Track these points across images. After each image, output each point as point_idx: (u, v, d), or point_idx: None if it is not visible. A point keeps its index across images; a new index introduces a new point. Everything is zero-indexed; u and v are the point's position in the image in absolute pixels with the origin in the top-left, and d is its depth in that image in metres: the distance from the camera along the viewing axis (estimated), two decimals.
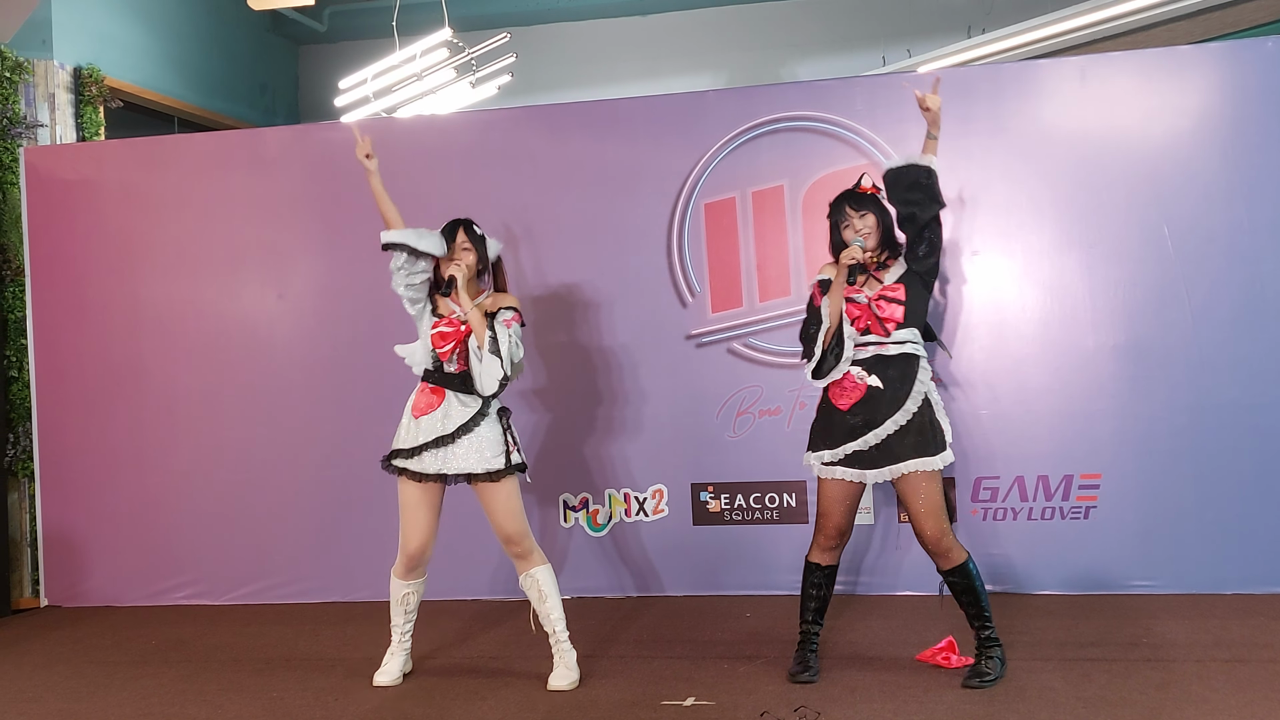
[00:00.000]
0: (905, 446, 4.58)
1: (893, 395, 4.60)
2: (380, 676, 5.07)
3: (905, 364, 4.64)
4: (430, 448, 4.86)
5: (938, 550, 4.62)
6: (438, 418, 4.88)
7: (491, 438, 4.89)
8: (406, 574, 5.05)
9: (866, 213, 4.70)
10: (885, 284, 4.69)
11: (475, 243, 5.00)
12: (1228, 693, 4.39)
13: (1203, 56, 6.28)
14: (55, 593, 7.11)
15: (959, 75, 6.72)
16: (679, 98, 6.79)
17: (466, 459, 4.85)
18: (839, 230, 4.74)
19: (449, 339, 4.91)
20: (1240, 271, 6.00)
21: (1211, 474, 5.99)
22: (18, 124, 7.30)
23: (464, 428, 4.86)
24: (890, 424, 4.58)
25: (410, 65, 9.45)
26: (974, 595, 4.66)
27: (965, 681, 4.62)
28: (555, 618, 4.95)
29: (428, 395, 4.93)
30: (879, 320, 4.62)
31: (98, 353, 7.07)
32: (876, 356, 4.63)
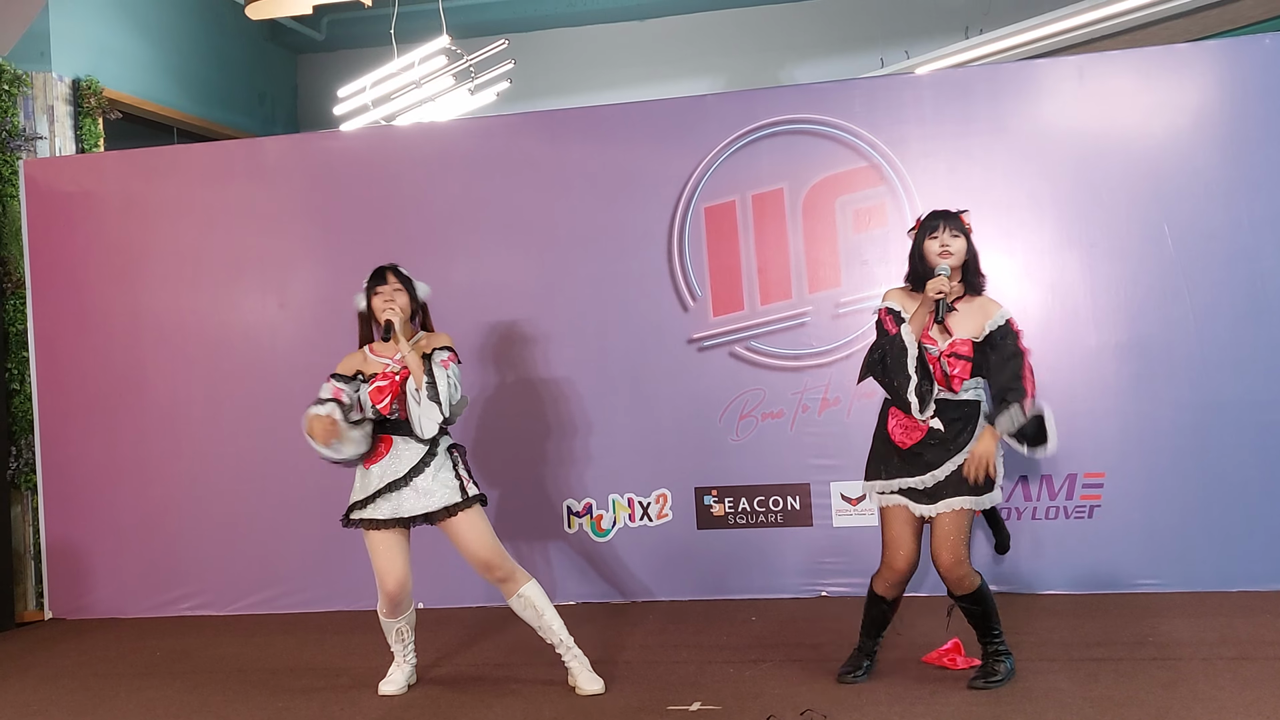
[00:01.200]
0: (956, 484, 4.55)
1: (954, 438, 4.55)
2: (386, 685, 5.07)
3: (967, 408, 4.58)
4: (384, 493, 4.85)
5: (951, 578, 4.58)
6: (387, 464, 4.88)
7: (444, 476, 4.88)
8: (392, 612, 5.03)
9: (960, 236, 4.60)
10: (955, 336, 4.55)
11: (405, 284, 4.97)
12: (1234, 690, 4.38)
13: (1201, 54, 6.28)
14: (59, 605, 7.11)
15: (958, 76, 6.73)
16: (678, 102, 6.80)
17: (421, 500, 4.85)
18: (923, 243, 4.60)
19: (385, 393, 4.86)
20: (1241, 268, 5.99)
21: (1215, 471, 5.98)
22: (17, 136, 7.31)
23: (414, 469, 4.85)
24: (949, 465, 4.54)
25: (409, 73, 9.45)
26: (985, 619, 4.66)
27: (971, 683, 4.61)
28: (556, 629, 4.94)
29: (377, 445, 4.92)
30: (946, 376, 4.53)
31: (99, 364, 7.07)
32: (941, 400, 4.55)
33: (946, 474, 4.54)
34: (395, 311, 4.87)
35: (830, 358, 6.37)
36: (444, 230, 6.75)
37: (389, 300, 4.90)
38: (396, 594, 4.95)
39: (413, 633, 5.14)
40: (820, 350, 6.39)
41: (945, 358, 4.53)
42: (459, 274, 6.68)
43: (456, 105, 9.79)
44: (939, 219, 4.63)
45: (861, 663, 4.83)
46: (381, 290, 4.93)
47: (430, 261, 6.75)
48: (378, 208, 6.85)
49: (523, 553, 6.64)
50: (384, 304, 4.89)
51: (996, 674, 4.59)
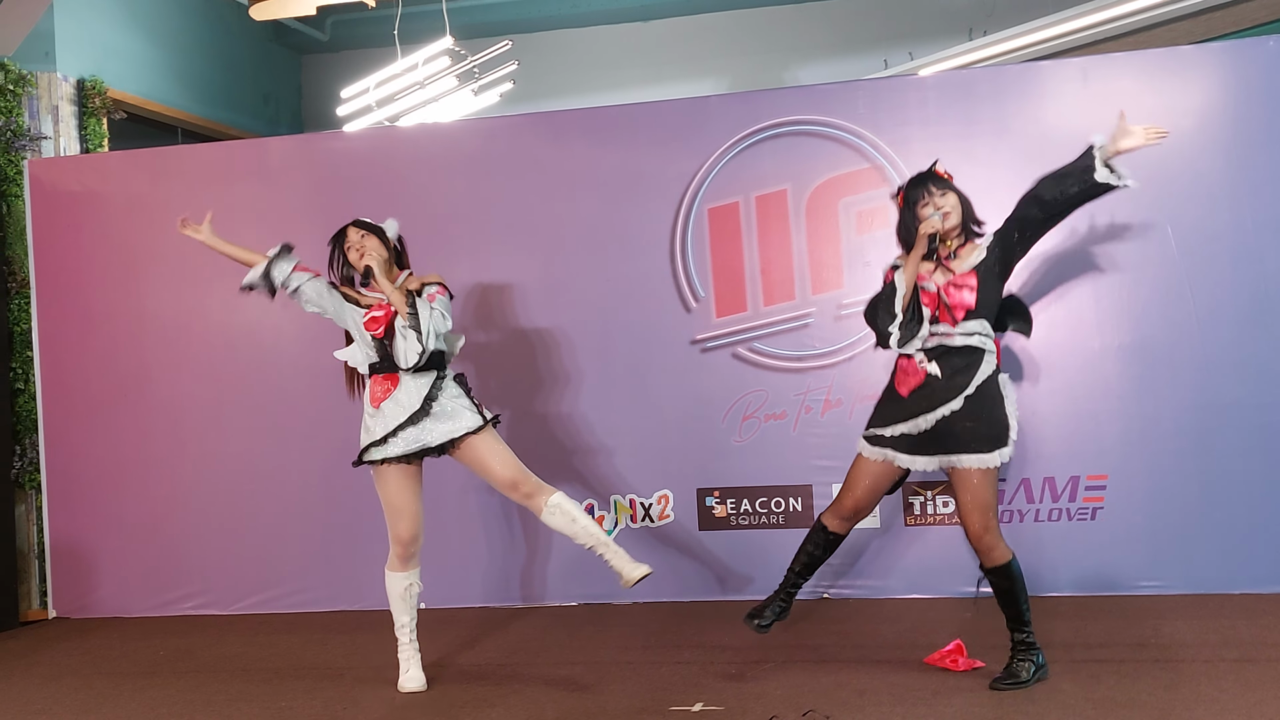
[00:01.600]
0: (957, 438, 4.50)
1: (950, 384, 4.50)
2: (409, 683, 5.03)
3: (968, 355, 4.54)
4: (403, 428, 4.87)
5: (979, 546, 4.54)
6: (399, 399, 4.90)
7: (460, 401, 4.94)
8: (404, 564, 5.04)
9: (948, 191, 4.62)
10: (957, 272, 4.59)
11: (373, 231, 5.03)
12: (1237, 692, 4.38)
13: (1205, 56, 6.28)
14: (63, 604, 7.12)
15: (961, 77, 6.73)
16: (681, 103, 6.80)
17: (443, 427, 4.88)
18: (914, 208, 4.61)
19: (380, 322, 4.95)
20: (1245, 270, 5.99)
21: (1218, 473, 5.98)
22: (21, 136, 7.32)
23: (429, 397, 4.89)
24: (942, 409, 4.50)
25: (412, 74, 9.45)
26: (1013, 598, 4.58)
27: (994, 683, 4.56)
28: (593, 532, 4.92)
29: (382, 384, 4.96)
30: (947, 308, 4.53)
31: (103, 364, 7.08)
32: (941, 346, 4.55)
33: (937, 419, 4.51)
34: (372, 256, 4.94)
35: (833, 359, 6.37)
36: (447, 231, 6.75)
37: (358, 248, 4.98)
38: (410, 541, 4.98)
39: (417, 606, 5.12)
40: (823, 352, 6.40)
41: (944, 289, 4.56)
42: (462, 274, 6.68)
43: (460, 106, 9.80)
44: (921, 184, 4.65)
45: (767, 609, 4.83)
46: (348, 246, 5.01)
47: (433, 262, 6.74)
48: (381, 208, 6.79)
49: (524, 553, 6.65)
50: (356, 255, 4.97)
51: (1021, 676, 4.53)
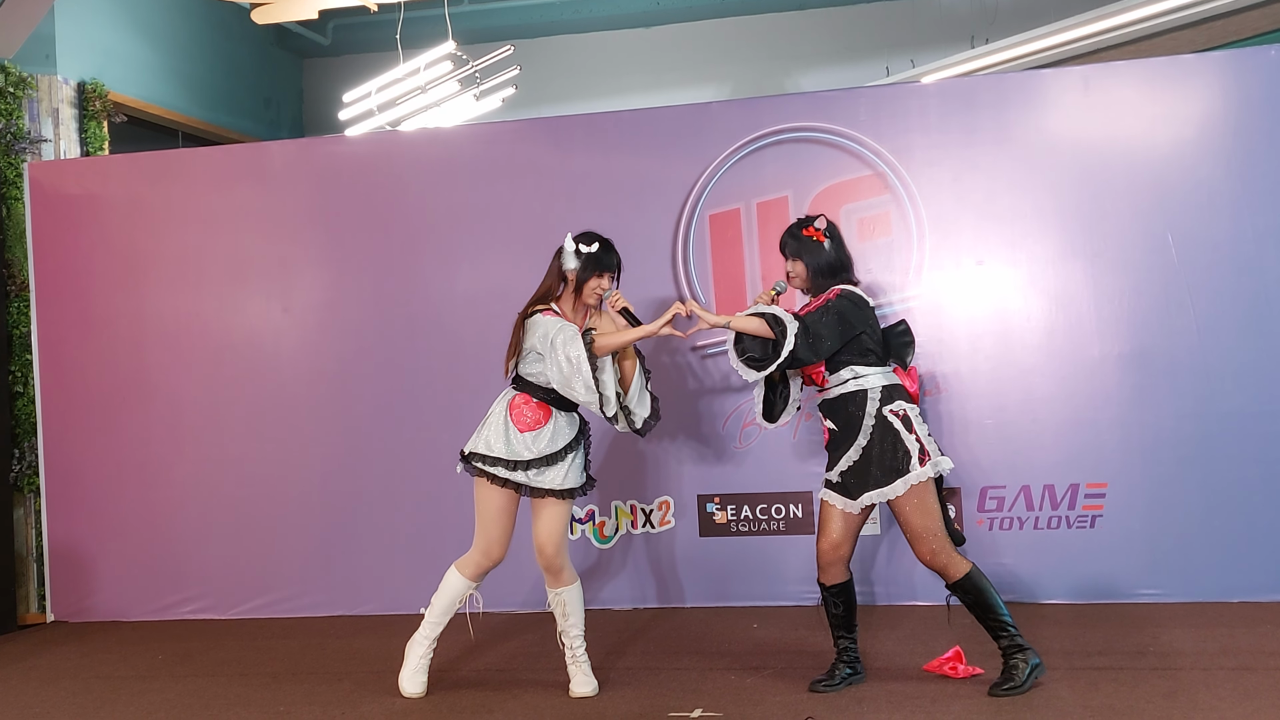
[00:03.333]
0: (868, 477, 4.64)
1: (845, 434, 4.71)
2: (415, 688, 5.04)
3: (852, 401, 4.69)
4: (536, 466, 4.83)
5: (934, 567, 4.67)
6: (545, 435, 4.85)
7: (582, 459, 4.96)
8: (478, 576, 5.02)
9: (796, 259, 4.85)
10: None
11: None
12: (1235, 701, 4.38)
13: (1206, 65, 6.28)
14: (61, 608, 7.11)
15: (963, 85, 6.74)
16: (683, 109, 6.80)
17: (560, 476, 4.85)
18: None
19: None
20: (1245, 280, 5.99)
21: (1218, 482, 5.98)
22: (22, 139, 7.32)
23: (569, 447, 4.88)
24: (844, 460, 4.70)
25: (414, 78, 9.46)
26: (985, 608, 4.62)
27: (992, 689, 4.56)
28: (575, 634, 4.98)
29: (534, 410, 4.87)
30: (809, 378, 4.81)
31: (103, 367, 7.08)
32: (823, 402, 4.82)
33: (844, 468, 4.70)
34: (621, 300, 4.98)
35: None
36: (448, 235, 6.76)
37: (602, 289, 4.93)
38: (498, 559, 4.98)
39: None
40: None
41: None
42: (463, 280, 6.70)
43: (462, 111, 9.80)
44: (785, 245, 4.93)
45: (834, 670, 4.85)
46: (601, 278, 4.91)
47: (434, 267, 6.77)
48: (382, 213, 6.86)
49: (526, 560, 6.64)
50: (598, 289, 4.92)
51: (1014, 679, 4.54)
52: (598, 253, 4.89)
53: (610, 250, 4.95)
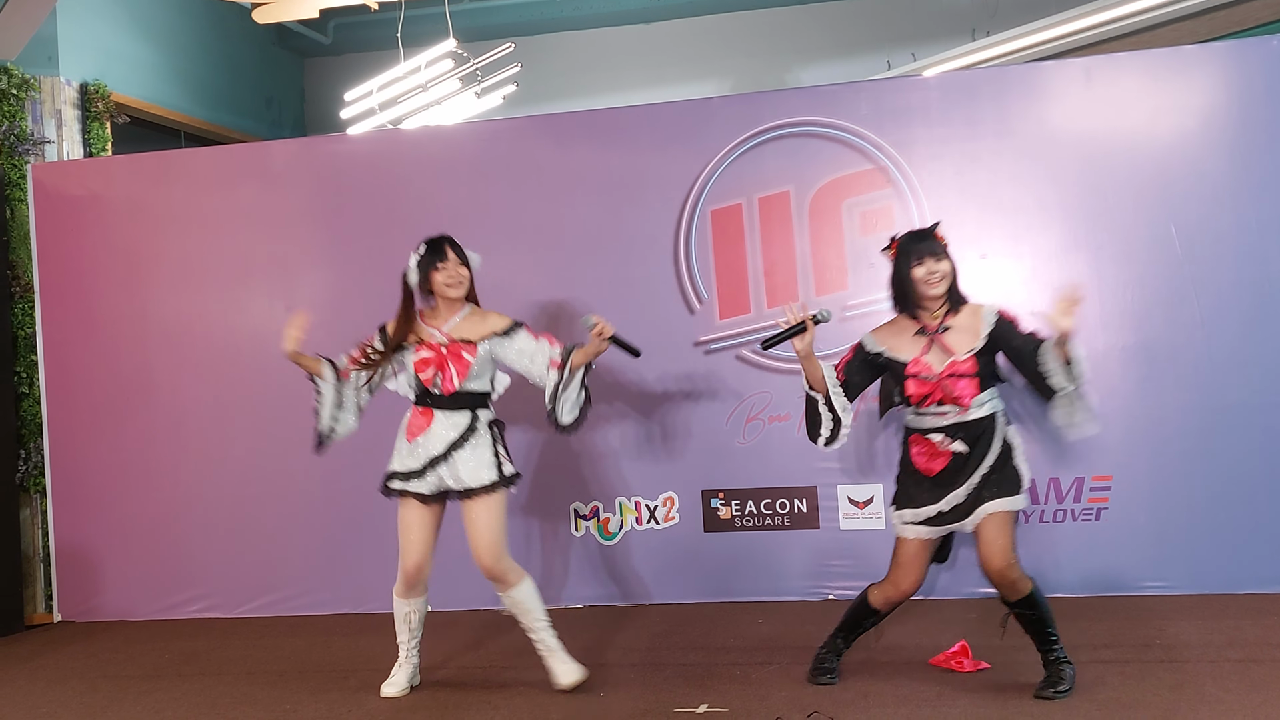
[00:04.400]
0: (986, 492, 4.46)
1: (978, 456, 4.48)
2: (388, 688, 5.07)
3: (985, 424, 4.51)
4: (425, 469, 4.88)
5: (1003, 584, 4.47)
6: (432, 436, 4.90)
7: (482, 453, 4.91)
8: (407, 592, 5.05)
9: (944, 257, 4.56)
10: (955, 353, 4.49)
11: (464, 258, 5.01)
12: (1242, 693, 4.38)
13: (1208, 56, 6.27)
14: (68, 608, 7.12)
15: (964, 78, 6.73)
16: (684, 105, 6.80)
17: (460, 474, 4.87)
18: (909, 264, 4.55)
19: (430, 364, 4.91)
20: (1249, 271, 5.98)
21: (1223, 474, 5.97)
22: (25, 141, 7.33)
23: (455, 444, 4.88)
24: (964, 488, 4.47)
25: (415, 76, 9.46)
26: (1041, 624, 4.53)
27: (1038, 692, 4.46)
28: (539, 629, 5.00)
29: (418, 417, 4.95)
30: (953, 398, 4.47)
31: (107, 368, 7.09)
32: (957, 424, 4.50)
33: (966, 493, 4.47)
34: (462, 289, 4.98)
35: (837, 361, 6.35)
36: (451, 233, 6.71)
37: (453, 278, 4.94)
38: (414, 573, 4.98)
39: (420, 628, 5.13)
40: (827, 353, 6.33)
41: (945, 380, 4.47)
42: None
43: (463, 109, 9.81)
44: (920, 245, 4.57)
45: (834, 663, 4.85)
46: (444, 266, 4.93)
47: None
48: (385, 211, 6.87)
49: (529, 556, 6.65)
50: (448, 281, 4.93)
51: (1063, 682, 4.45)
52: (426, 251, 4.97)
53: (439, 241, 4.98)
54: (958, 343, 4.51)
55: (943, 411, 4.50)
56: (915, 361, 4.52)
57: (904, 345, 4.59)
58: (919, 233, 4.65)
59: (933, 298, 4.54)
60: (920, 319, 4.59)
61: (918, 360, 4.52)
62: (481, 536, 4.88)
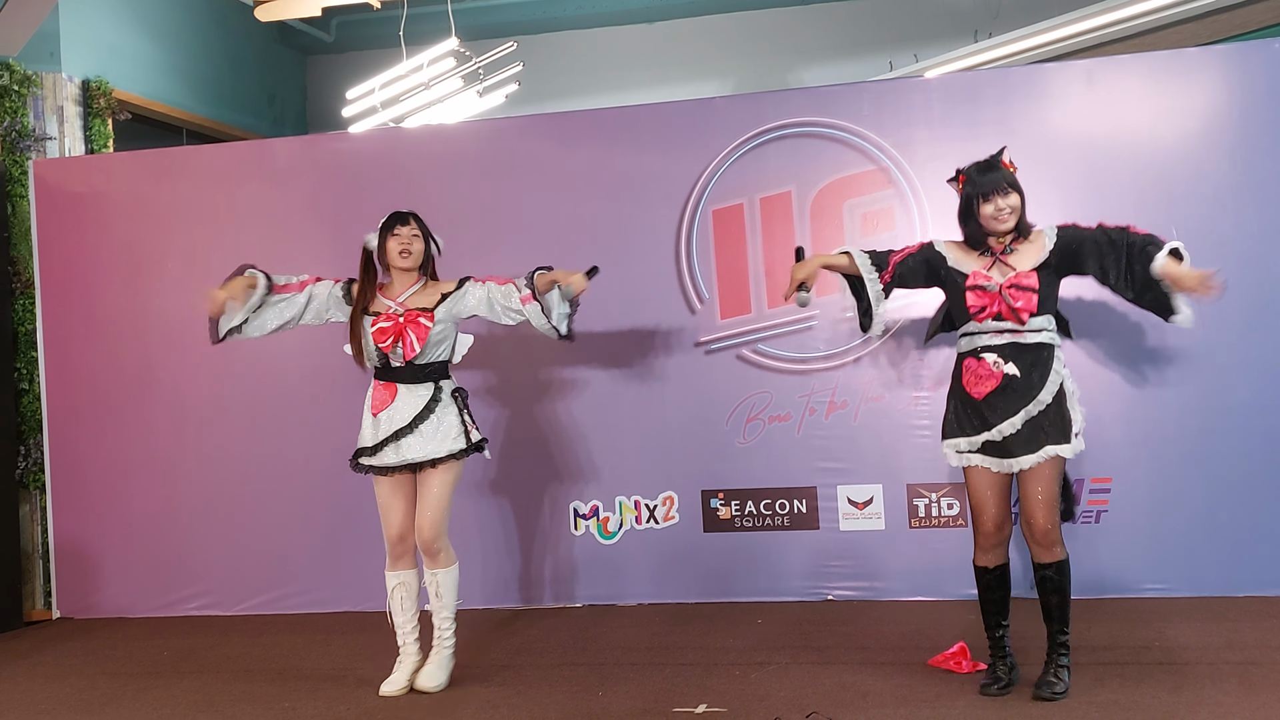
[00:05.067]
0: (1041, 434, 4.39)
1: (1028, 384, 4.41)
2: (387, 686, 5.07)
3: (1040, 351, 4.45)
4: (390, 440, 4.95)
5: (1044, 541, 4.43)
6: (393, 410, 4.98)
7: (449, 421, 5.00)
8: (394, 563, 5.10)
9: (1013, 191, 4.50)
10: (1018, 270, 4.46)
11: (423, 231, 5.13)
12: (1241, 695, 4.38)
13: (1210, 59, 6.27)
14: (67, 604, 7.13)
15: (966, 79, 6.73)
16: (686, 104, 6.80)
17: (426, 445, 4.95)
18: (979, 202, 4.51)
19: (388, 333, 4.99)
20: (1250, 274, 5.98)
21: (1223, 476, 5.97)
22: (26, 137, 7.33)
23: (419, 416, 4.96)
24: (1023, 414, 4.39)
25: (418, 75, 9.46)
26: (1063, 596, 4.49)
27: (1036, 693, 4.43)
28: (444, 617, 5.09)
29: (381, 391, 5.04)
30: (1012, 309, 4.41)
31: (108, 364, 7.09)
32: (1012, 344, 4.44)
33: (1022, 423, 4.40)
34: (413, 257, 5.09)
35: (837, 361, 6.37)
36: (452, 231, 6.69)
37: (406, 244, 5.05)
38: (399, 541, 5.05)
39: (414, 609, 5.14)
40: (827, 354, 6.39)
41: (1007, 290, 4.43)
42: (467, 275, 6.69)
43: (465, 107, 9.81)
44: (987, 178, 4.51)
45: (998, 670, 4.61)
46: (400, 232, 5.06)
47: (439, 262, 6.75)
48: (386, 209, 6.78)
49: (529, 554, 6.65)
50: (400, 248, 5.04)
51: (1059, 683, 4.42)
52: (385, 219, 5.12)
53: (402, 212, 5.14)
54: (1021, 261, 4.51)
55: (999, 329, 4.46)
56: (976, 273, 4.50)
57: (968, 261, 4.58)
58: (986, 163, 4.60)
59: (1002, 233, 4.53)
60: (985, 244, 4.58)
61: (978, 272, 4.50)
62: (428, 508, 4.98)
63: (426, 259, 5.15)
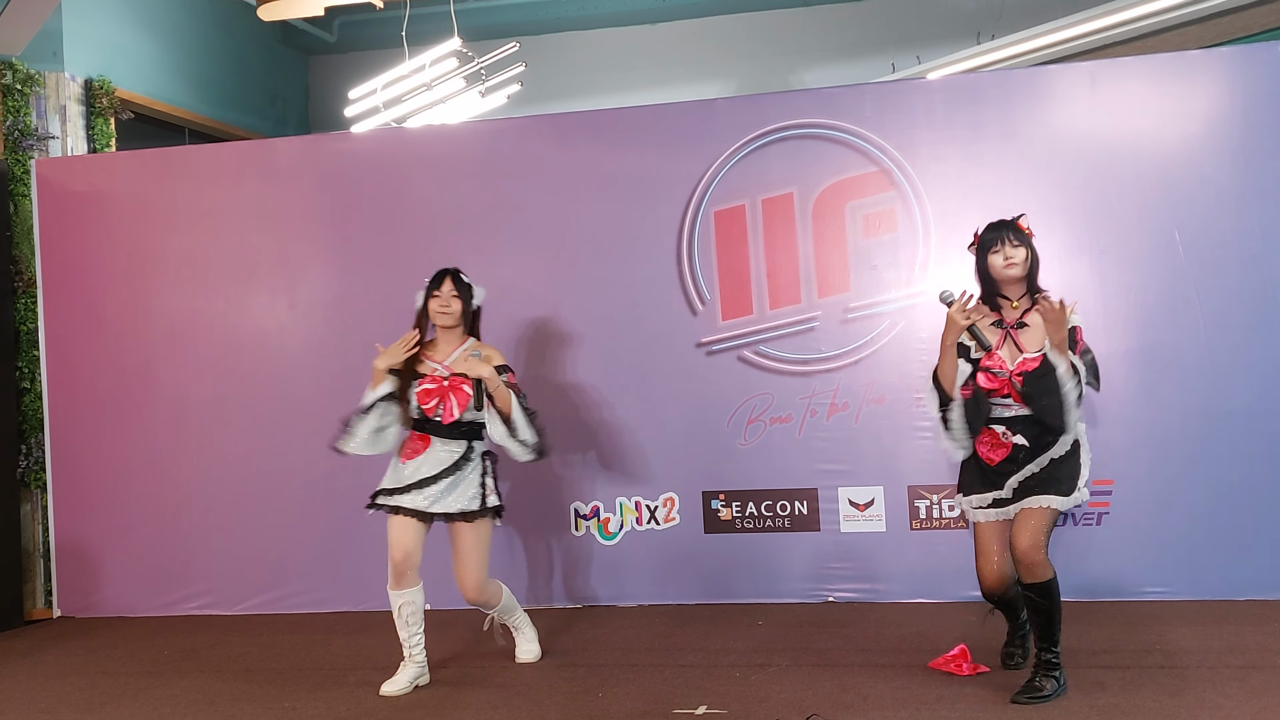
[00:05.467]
0: (1043, 483, 4.51)
1: (1038, 448, 4.53)
2: (388, 686, 5.08)
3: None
4: (415, 489, 5.06)
5: (1025, 562, 4.47)
6: (422, 461, 5.10)
7: (471, 480, 5.12)
8: (396, 583, 5.12)
9: (1021, 245, 4.58)
10: (1025, 354, 4.50)
11: (460, 291, 5.20)
12: (1242, 699, 4.37)
13: (1213, 61, 6.27)
14: (68, 603, 7.13)
15: (969, 81, 6.72)
16: (688, 106, 6.79)
17: (446, 500, 5.07)
18: (987, 253, 4.60)
19: (432, 395, 5.09)
20: (1252, 276, 5.98)
21: (1224, 479, 5.96)
22: (29, 136, 7.33)
23: (446, 471, 5.08)
24: (1025, 472, 4.54)
25: (420, 75, 9.46)
26: (1048, 617, 4.53)
27: (1015, 697, 4.48)
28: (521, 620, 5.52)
29: (415, 441, 5.15)
30: (1019, 391, 4.49)
31: (110, 364, 7.09)
32: (1021, 418, 4.54)
33: (1027, 475, 4.53)
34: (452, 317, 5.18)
35: (839, 363, 6.37)
36: (454, 232, 6.75)
37: (445, 304, 5.17)
38: (402, 563, 5.08)
39: (419, 623, 5.15)
40: (829, 355, 6.39)
41: (1015, 377, 4.50)
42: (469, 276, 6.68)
43: (467, 107, 9.81)
44: (996, 232, 4.63)
45: (1016, 646, 4.95)
46: (439, 294, 5.18)
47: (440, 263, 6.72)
48: (388, 209, 6.87)
49: (529, 555, 6.65)
50: (439, 308, 5.17)
51: (1043, 690, 4.46)
52: (429, 281, 5.25)
53: (440, 271, 5.26)
54: (1030, 341, 4.55)
55: (1007, 404, 4.56)
56: (990, 355, 4.57)
57: (985, 329, 4.63)
58: (998, 222, 4.70)
59: (1010, 280, 4.59)
60: (1002, 309, 4.64)
61: (992, 354, 4.56)
62: (465, 565, 5.13)
63: (466, 315, 5.23)
